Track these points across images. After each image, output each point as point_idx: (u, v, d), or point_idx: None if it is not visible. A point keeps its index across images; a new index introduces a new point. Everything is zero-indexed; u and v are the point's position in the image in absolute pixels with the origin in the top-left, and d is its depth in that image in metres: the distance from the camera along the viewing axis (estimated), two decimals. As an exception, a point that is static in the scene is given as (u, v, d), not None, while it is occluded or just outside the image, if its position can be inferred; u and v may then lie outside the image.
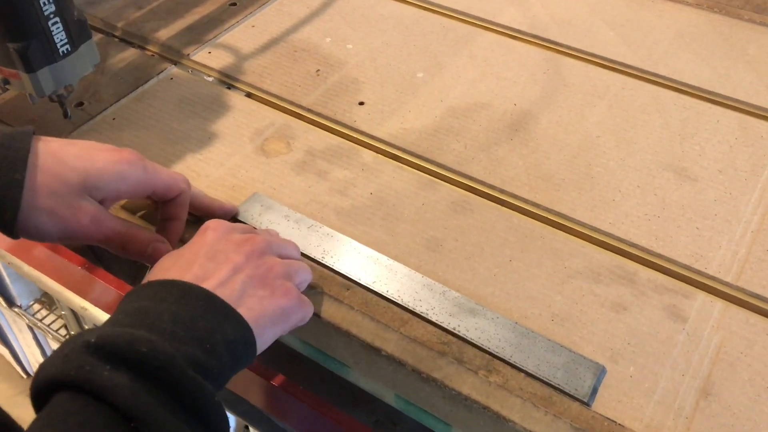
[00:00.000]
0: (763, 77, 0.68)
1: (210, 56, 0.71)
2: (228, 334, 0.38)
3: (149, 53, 0.72)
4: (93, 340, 0.33)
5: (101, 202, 0.45)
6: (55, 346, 1.19)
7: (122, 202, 0.54)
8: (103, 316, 0.70)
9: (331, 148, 0.61)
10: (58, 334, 1.13)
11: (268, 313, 0.41)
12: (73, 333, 1.03)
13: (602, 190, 0.57)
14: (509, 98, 0.66)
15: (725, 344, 0.47)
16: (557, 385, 0.44)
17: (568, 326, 0.48)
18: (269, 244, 0.46)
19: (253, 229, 0.48)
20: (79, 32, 0.55)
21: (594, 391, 0.44)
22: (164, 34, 0.74)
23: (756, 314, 0.49)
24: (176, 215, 0.50)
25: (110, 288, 0.62)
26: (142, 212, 0.54)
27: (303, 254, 0.52)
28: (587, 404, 0.44)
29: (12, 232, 0.42)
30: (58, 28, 0.53)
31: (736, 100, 0.66)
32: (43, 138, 0.44)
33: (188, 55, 0.71)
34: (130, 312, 0.37)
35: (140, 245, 0.46)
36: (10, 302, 1.15)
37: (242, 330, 0.39)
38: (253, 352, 0.40)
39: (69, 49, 0.54)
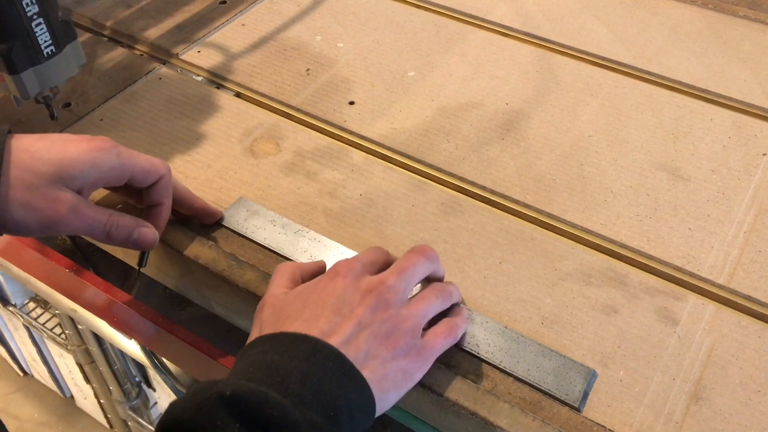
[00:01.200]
0: (758, 75, 0.68)
1: (199, 55, 0.71)
2: (352, 401, 0.38)
3: (138, 53, 0.72)
4: (228, 393, 0.34)
5: (79, 192, 0.45)
6: (51, 345, 1.18)
7: (97, 197, 0.54)
8: (92, 319, 0.69)
9: (321, 148, 0.61)
10: (53, 333, 1.13)
11: (390, 377, 0.40)
12: (69, 333, 1.02)
13: (594, 191, 0.57)
14: (501, 97, 0.66)
15: (717, 347, 0.47)
16: (548, 390, 0.44)
17: (559, 329, 0.47)
18: (397, 292, 0.42)
19: (386, 268, 0.45)
20: (63, 33, 0.54)
21: (585, 395, 0.44)
22: (153, 33, 0.73)
23: (748, 316, 0.49)
24: (159, 200, 0.49)
25: (99, 291, 0.61)
26: (119, 207, 0.54)
27: (289, 259, 0.51)
28: (578, 409, 0.43)
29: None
30: (41, 29, 0.52)
31: (730, 98, 0.65)
32: (17, 135, 0.44)
33: (177, 54, 0.71)
34: (261, 365, 0.37)
35: (125, 231, 0.46)
36: (5, 301, 1.15)
37: (365, 398, 0.38)
38: (371, 419, 0.39)
39: (53, 50, 0.54)
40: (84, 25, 0.75)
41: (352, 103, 0.65)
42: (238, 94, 0.67)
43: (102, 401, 1.20)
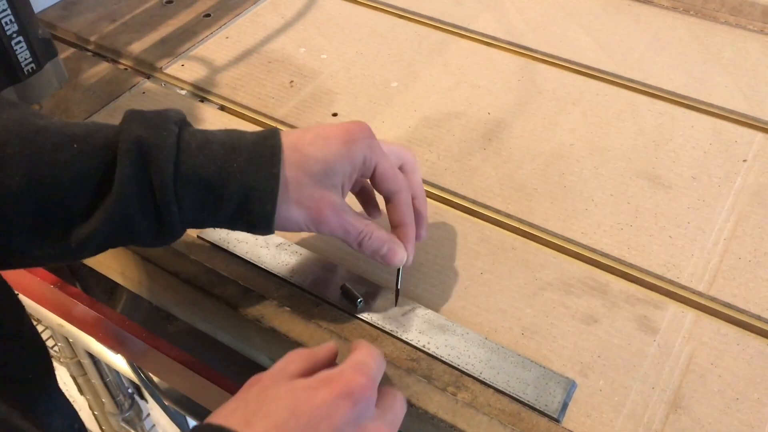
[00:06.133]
0: (738, 81, 0.68)
1: (183, 69, 0.71)
2: None
3: (122, 67, 0.72)
4: None
5: (341, 186, 0.44)
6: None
7: None
8: (80, 334, 0.69)
9: (304, 161, 0.61)
10: (47, 345, 1.13)
11: None
12: (61, 345, 1.02)
13: (575, 200, 0.57)
14: (483, 107, 0.66)
15: (696, 355, 0.47)
16: (527, 401, 0.44)
17: (539, 339, 0.48)
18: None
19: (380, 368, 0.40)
20: (44, 51, 0.55)
21: (564, 406, 0.44)
22: (137, 47, 0.73)
23: (727, 323, 0.49)
24: (400, 221, 0.46)
25: (85, 307, 0.61)
26: None
27: (269, 273, 0.51)
28: (557, 420, 0.43)
29: (269, 226, 0.42)
30: (21, 47, 0.53)
31: (711, 105, 0.66)
32: (283, 131, 0.44)
33: (161, 68, 0.71)
34: None
35: (376, 243, 0.45)
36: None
37: None
38: None
39: (34, 68, 0.54)
40: (68, 40, 0.76)
41: (335, 114, 0.66)
42: (222, 107, 0.67)
43: (96, 413, 1.20)
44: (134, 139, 0.40)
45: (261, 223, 0.42)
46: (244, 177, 0.41)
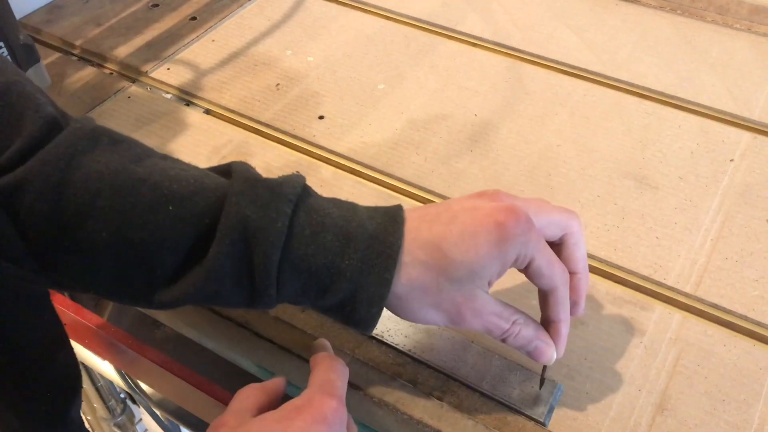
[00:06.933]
0: (725, 80, 0.68)
1: (169, 73, 0.70)
2: None
3: (107, 71, 0.71)
4: None
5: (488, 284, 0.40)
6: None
7: None
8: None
9: (290, 164, 0.61)
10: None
11: None
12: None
13: (562, 201, 0.57)
14: (470, 108, 0.66)
15: (683, 357, 0.47)
16: (513, 405, 0.44)
17: (525, 343, 0.47)
18: None
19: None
20: (26, 56, 0.54)
21: (551, 409, 0.44)
22: (123, 51, 0.73)
23: (714, 324, 0.49)
24: (554, 317, 0.40)
25: (71, 314, 0.61)
26: None
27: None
28: (543, 424, 0.43)
29: (370, 327, 0.39)
30: (2, 52, 0.52)
31: (698, 104, 0.65)
32: (411, 216, 0.39)
33: (147, 72, 0.70)
34: None
35: (521, 341, 0.40)
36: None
37: None
38: None
39: (15, 73, 0.53)
40: (53, 44, 0.75)
41: (321, 117, 0.65)
42: (207, 111, 0.67)
43: (88, 418, 1.19)
44: (240, 219, 0.36)
45: (362, 323, 0.39)
46: (356, 276, 0.37)
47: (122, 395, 1.08)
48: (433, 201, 0.57)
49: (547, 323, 0.41)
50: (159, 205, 0.37)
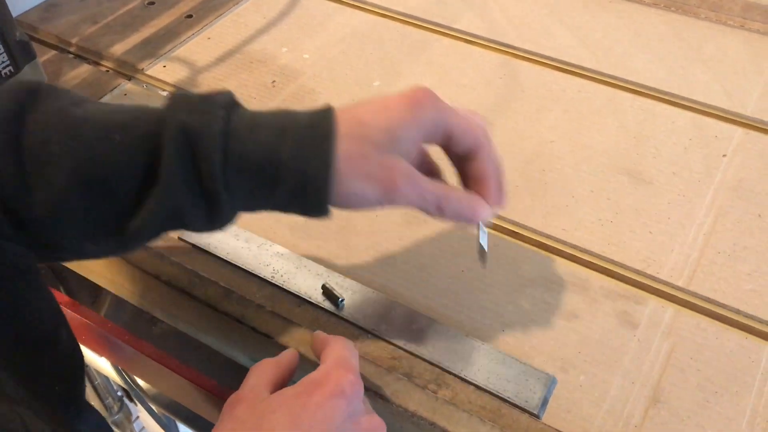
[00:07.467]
0: (719, 76, 0.68)
1: (165, 70, 0.71)
2: None
3: (104, 69, 0.72)
4: None
5: (406, 155, 0.41)
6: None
7: None
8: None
9: (286, 161, 0.61)
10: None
11: None
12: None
13: (556, 197, 0.57)
14: (465, 105, 0.66)
15: (676, 350, 0.47)
16: (507, 398, 0.44)
17: (520, 336, 0.48)
18: None
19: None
20: (21, 53, 0.54)
21: (545, 402, 0.44)
22: (119, 48, 0.73)
23: (707, 318, 0.49)
24: (486, 173, 0.42)
25: (68, 310, 0.61)
26: None
27: (252, 273, 0.51)
28: (537, 416, 0.43)
29: (324, 210, 0.40)
30: None
31: (692, 100, 0.66)
32: (340, 108, 0.41)
33: (143, 69, 0.71)
34: None
35: (457, 204, 0.41)
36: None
37: None
38: None
39: (11, 71, 0.54)
40: (50, 42, 0.75)
41: (317, 114, 0.65)
42: (203, 108, 0.67)
43: (86, 417, 1.20)
44: (179, 127, 0.38)
45: (315, 207, 0.40)
46: (296, 162, 0.38)
47: (119, 393, 1.08)
48: (428, 197, 0.58)
49: (479, 184, 0.42)
50: (106, 138, 0.38)
